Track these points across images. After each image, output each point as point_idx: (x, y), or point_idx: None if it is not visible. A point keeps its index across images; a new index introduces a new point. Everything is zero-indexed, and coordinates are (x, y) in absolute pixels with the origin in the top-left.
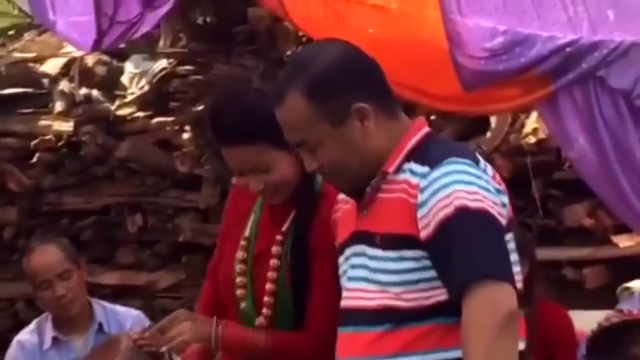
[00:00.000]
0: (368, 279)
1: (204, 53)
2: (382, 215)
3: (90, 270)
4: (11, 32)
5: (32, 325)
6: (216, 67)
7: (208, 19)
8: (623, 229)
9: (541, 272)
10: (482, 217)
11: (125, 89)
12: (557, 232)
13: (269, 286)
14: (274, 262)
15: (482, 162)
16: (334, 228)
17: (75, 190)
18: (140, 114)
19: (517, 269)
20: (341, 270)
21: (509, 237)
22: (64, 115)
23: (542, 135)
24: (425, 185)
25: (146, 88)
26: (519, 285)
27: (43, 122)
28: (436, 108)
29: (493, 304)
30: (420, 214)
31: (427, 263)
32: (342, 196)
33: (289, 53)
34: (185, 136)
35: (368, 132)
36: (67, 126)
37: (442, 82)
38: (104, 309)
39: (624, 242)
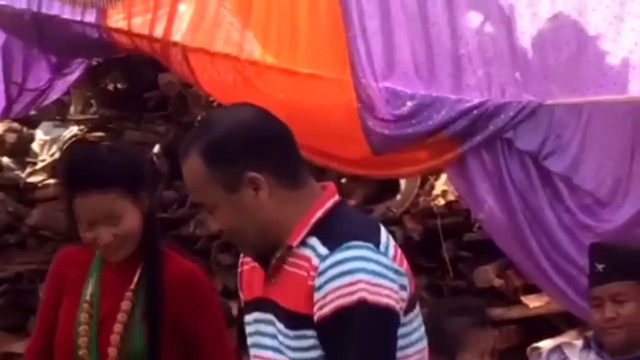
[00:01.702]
0: (275, 347)
1: (115, 119)
2: (287, 289)
3: (1, 338)
4: None
5: None
6: (127, 132)
7: (119, 85)
8: (532, 289)
9: None
10: (378, 312)
11: (36, 155)
12: (468, 293)
13: (113, 337)
14: (121, 315)
15: (384, 242)
16: (238, 281)
17: None
18: (51, 181)
19: (422, 344)
20: (246, 330)
21: (412, 315)
22: None
23: (451, 197)
24: (323, 269)
25: (57, 154)
26: None
27: None
28: (346, 171)
29: None
30: (316, 297)
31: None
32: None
33: (199, 118)
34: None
35: (261, 202)
36: None
37: (351, 145)
38: None
39: (533, 302)
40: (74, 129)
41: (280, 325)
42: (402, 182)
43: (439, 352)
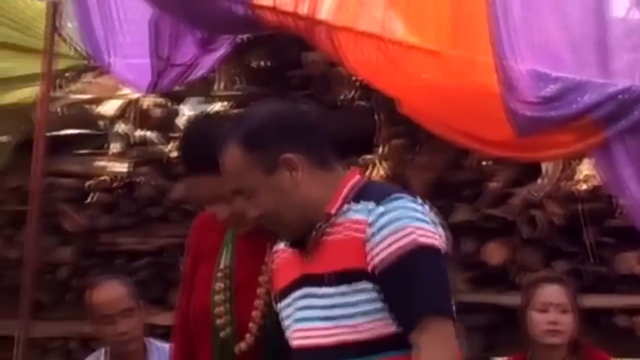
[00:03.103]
0: (320, 316)
1: (259, 96)
2: (329, 255)
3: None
4: (68, 74)
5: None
6: None
7: (263, 63)
8: None
9: (591, 320)
10: (432, 254)
11: (180, 130)
12: (608, 279)
13: (254, 313)
14: (260, 290)
15: (419, 200)
16: (273, 278)
17: (130, 230)
18: None
19: None
20: (283, 314)
21: None
22: (120, 156)
23: (594, 182)
24: (374, 219)
25: None
26: None
27: (99, 163)
28: (488, 153)
29: (444, 340)
30: (369, 246)
31: (378, 294)
32: (277, 247)
33: (342, 97)
34: None
35: (297, 182)
36: (122, 167)
37: (495, 127)
38: (157, 348)
39: None
40: (218, 105)
41: (327, 289)
42: (545, 166)
43: None
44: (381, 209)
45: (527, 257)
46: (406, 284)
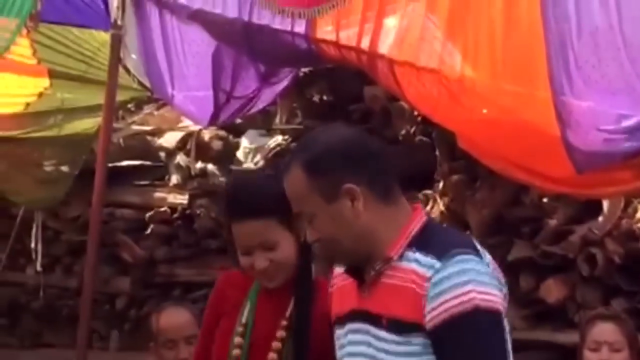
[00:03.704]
0: (372, 355)
1: None
2: (387, 298)
3: None
4: (130, 105)
5: None
6: None
7: (324, 97)
8: None
9: None
10: (491, 317)
11: (240, 163)
12: None
13: None
14: (276, 344)
15: (481, 252)
16: (330, 301)
17: (188, 262)
18: None
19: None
20: (337, 342)
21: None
22: (179, 187)
23: None
24: (438, 279)
25: (261, 163)
26: None
27: (158, 194)
28: (548, 189)
29: None
30: (429, 306)
31: (430, 351)
32: (337, 270)
33: (402, 132)
34: None
35: (358, 213)
36: (181, 199)
37: (555, 163)
38: None
39: None
40: (278, 139)
41: (382, 333)
42: (605, 204)
43: None
44: (447, 270)
45: (586, 295)
46: (463, 345)
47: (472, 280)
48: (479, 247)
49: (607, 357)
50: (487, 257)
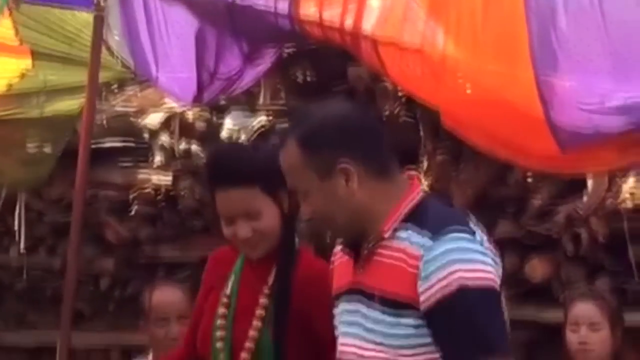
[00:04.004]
0: (363, 337)
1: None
2: (380, 275)
3: None
4: (113, 86)
5: None
6: None
7: (308, 76)
8: None
9: (635, 336)
10: (481, 294)
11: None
12: None
13: (251, 333)
14: (259, 312)
15: (474, 228)
16: (331, 278)
17: (172, 242)
18: None
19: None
20: (336, 320)
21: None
22: (163, 168)
23: (639, 200)
24: (428, 259)
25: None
26: None
27: (142, 175)
28: (532, 168)
29: None
30: (421, 286)
31: (426, 330)
32: (337, 248)
33: (386, 111)
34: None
35: (352, 192)
36: (165, 179)
37: (538, 141)
38: None
39: None
40: (262, 119)
41: (374, 313)
42: (590, 183)
43: None
44: (436, 250)
45: (570, 273)
46: (454, 325)
47: (460, 260)
48: (472, 223)
49: (585, 336)
50: (481, 233)
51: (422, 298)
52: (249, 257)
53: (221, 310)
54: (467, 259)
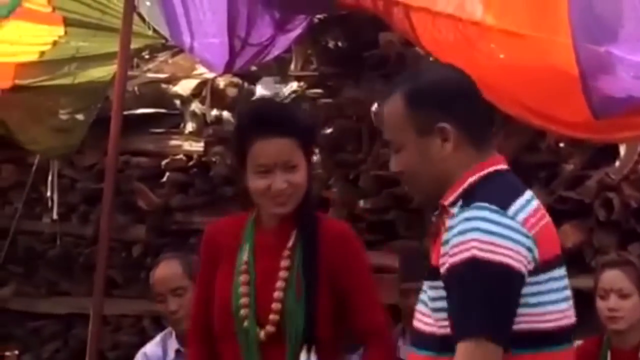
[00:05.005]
0: (425, 303)
1: (334, 76)
2: (436, 248)
3: None
4: (145, 53)
5: (158, 338)
6: (345, 90)
7: (339, 43)
8: None
9: None
10: (489, 269)
11: None
12: None
13: (274, 305)
14: (283, 273)
15: (516, 206)
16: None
17: (204, 209)
18: None
19: (559, 307)
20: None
21: (545, 276)
22: (195, 135)
23: None
24: (451, 225)
25: None
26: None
27: (174, 142)
28: (564, 135)
29: None
30: (442, 250)
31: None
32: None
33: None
34: (313, 158)
35: (445, 153)
36: (197, 146)
37: (572, 108)
38: None
39: None
40: (293, 85)
41: (426, 281)
42: (622, 149)
43: None
44: (459, 217)
45: (602, 239)
46: (455, 297)
47: (477, 229)
48: (520, 200)
49: (614, 304)
50: (525, 210)
51: (441, 261)
52: (276, 213)
53: (241, 277)
54: (486, 230)
